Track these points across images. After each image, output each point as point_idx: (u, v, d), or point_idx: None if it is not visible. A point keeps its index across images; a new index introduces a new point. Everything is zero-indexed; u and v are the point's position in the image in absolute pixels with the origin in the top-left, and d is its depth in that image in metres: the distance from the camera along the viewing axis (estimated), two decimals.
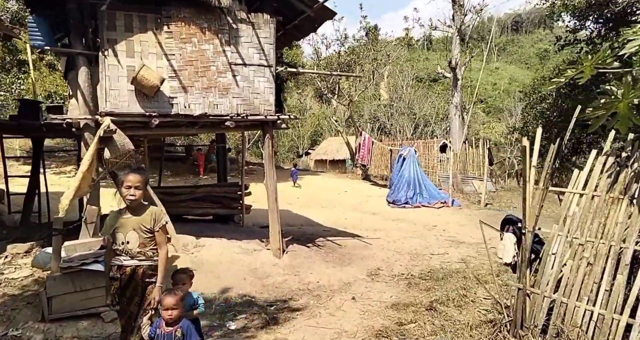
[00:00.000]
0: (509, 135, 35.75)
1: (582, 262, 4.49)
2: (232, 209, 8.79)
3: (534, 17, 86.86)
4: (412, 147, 13.77)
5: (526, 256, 4.82)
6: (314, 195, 14.27)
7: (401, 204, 12.48)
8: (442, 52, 79.32)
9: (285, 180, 16.70)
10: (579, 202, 4.81)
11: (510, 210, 12.32)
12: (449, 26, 21.52)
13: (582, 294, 4.12)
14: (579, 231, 4.70)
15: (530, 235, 4.88)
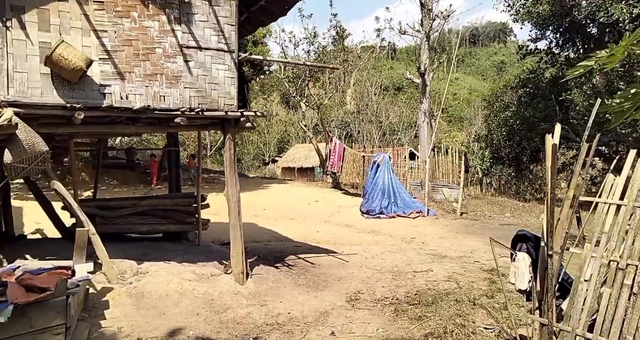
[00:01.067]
0: (471, 144, 35.95)
1: (624, 291, 3.49)
2: (186, 224, 7.32)
3: (489, 31, 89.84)
4: (387, 154, 12.73)
5: (552, 283, 3.79)
6: (282, 205, 12.93)
7: (376, 214, 11.37)
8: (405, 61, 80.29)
9: (250, 189, 15.27)
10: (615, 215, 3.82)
11: (487, 219, 11.47)
12: (417, 31, 20.88)
13: (625, 333, 3.27)
14: (618, 251, 3.69)
15: (558, 256, 3.86)
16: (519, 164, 24.63)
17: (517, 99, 22.73)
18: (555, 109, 19.78)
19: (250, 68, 14.33)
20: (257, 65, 14.78)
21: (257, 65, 14.78)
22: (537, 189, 25.84)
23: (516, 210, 14.18)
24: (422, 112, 21.04)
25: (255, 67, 14.65)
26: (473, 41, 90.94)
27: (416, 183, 16.66)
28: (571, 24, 18.52)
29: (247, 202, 13.32)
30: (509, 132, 21.14)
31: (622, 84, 14.91)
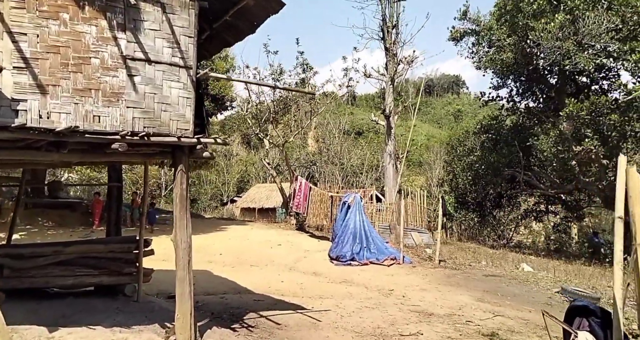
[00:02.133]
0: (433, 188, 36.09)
1: None
2: (123, 275, 5.96)
3: (443, 82, 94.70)
4: (358, 194, 11.84)
5: None
6: (240, 250, 11.59)
7: (346, 261, 10.27)
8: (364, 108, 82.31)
9: (206, 231, 13.82)
10: None
11: (468, 269, 10.63)
12: (382, 75, 20.93)
13: None
14: None
15: None
16: (483, 210, 24.52)
17: (479, 145, 22.98)
18: (519, 155, 19.97)
19: (211, 102, 13.41)
20: (219, 99, 13.86)
21: (219, 99, 13.86)
22: (500, 235, 25.72)
23: (490, 258, 13.49)
24: (388, 153, 20.69)
25: (217, 101, 13.73)
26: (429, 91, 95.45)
27: (384, 226, 15.80)
28: (532, 73, 19.13)
29: (201, 246, 11.88)
30: (474, 177, 21.05)
31: (589, 131, 15.11)
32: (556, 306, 7.17)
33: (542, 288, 8.40)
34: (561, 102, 19.55)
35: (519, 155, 20.15)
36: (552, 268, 12.02)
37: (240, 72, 14.40)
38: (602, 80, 19.98)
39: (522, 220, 25.08)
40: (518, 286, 8.48)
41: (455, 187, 22.92)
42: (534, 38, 15.16)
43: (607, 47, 14.41)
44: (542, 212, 24.31)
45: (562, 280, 9.08)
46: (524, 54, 17.24)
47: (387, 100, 20.67)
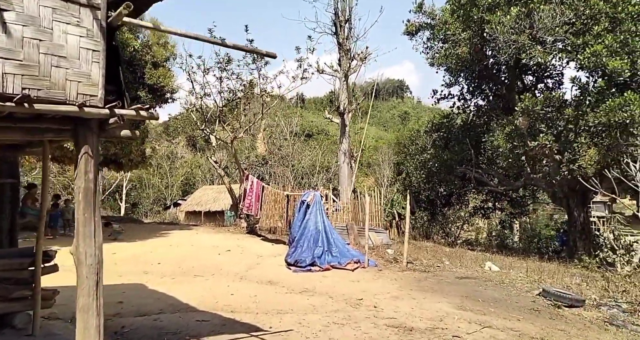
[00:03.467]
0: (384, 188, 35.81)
1: None
2: (12, 301, 4.29)
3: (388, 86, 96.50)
4: (318, 192, 10.59)
5: None
6: (183, 257, 9.94)
7: (306, 266, 8.99)
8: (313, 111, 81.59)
9: (144, 238, 11.99)
10: None
11: (437, 271, 9.73)
12: (335, 70, 19.95)
13: None
14: None
15: None
16: (434, 208, 24.27)
17: (431, 143, 22.67)
18: (471, 152, 19.75)
19: (148, 93, 11.59)
20: (158, 90, 12.01)
21: (158, 90, 12.01)
22: (448, 232, 25.64)
23: (451, 257, 12.81)
24: (342, 152, 19.74)
25: (154, 92, 11.91)
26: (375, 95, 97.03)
27: (341, 227, 14.70)
28: (483, 70, 18.97)
29: (136, 255, 10.09)
30: (427, 175, 20.60)
31: (544, 126, 14.93)
32: (544, 312, 6.36)
33: (521, 290, 7.61)
34: (511, 100, 19.56)
35: (470, 153, 19.97)
36: (517, 266, 11.49)
37: (182, 61, 12.75)
38: (547, 79, 20.36)
39: (471, 217, 25.16)
40: (496, 289, 7.63)
41: (409, 185, 22.38)
42: (490, 32, 14.81)
43: (562, 41, 14.34)
44: (490, 209, 24.49)
45: (536, 280, 8.40)
46: (478, 49, 16.95)
47: (341, 97, 19.74)
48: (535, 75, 20.41)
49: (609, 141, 13.59)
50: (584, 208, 17.95)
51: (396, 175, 28.83)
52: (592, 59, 13.28)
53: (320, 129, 60.95)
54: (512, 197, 23.04)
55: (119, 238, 11.50)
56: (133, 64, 11.23)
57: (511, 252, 18.70)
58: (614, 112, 12.85)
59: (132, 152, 11.89)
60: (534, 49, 14.52)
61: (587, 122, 14.36)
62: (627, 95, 12.51)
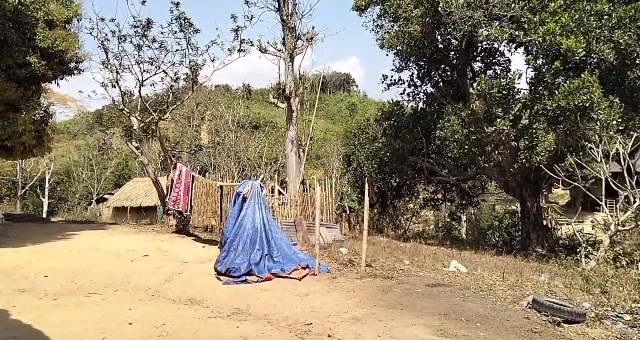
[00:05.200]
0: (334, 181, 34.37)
1: None
2: None
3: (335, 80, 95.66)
4: (258, 181, 8.49)
5: None
6: (82, 268, 7.53)
7: (240, 276, 6.95)
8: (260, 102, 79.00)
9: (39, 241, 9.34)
10: None
11: (401, 275, 8.08)
12: (279, 50, 17.88)
13: None
14: None
15: None
16: (384, 200, 23.05)
17: (382, 132, 21.31)
18: (422, 141, 18.55)
19: (41, 58, 8.73)
20: (55, 56, 9.12)
21: (55, 56, 9.12)
22: (398, 225, 24.62)
23: (408, 254, 11.37)
24: (289, 140, 17.77)
25: (51, 58, 8.97)
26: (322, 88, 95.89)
27: (289, 223, 12.80)
28: (434, 53, 17.76)
29: (16, 266, 7.53)
30: (379, 164, 19.17)
31: (500, 111, 13.86)
32: (544, 334, 4.84)
33: (506, 301, 6.10)
34: (463, 85, 18.59)
35: (421, 142, 18.82)
36: (482, 264, 10.21)
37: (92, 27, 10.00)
38: (495, 66, 19.65)
39: (421, 209, 24.24)
40: (477, 301, 6.07)
41: (360, 176, 20.87)
42: (444, 6, 13.47)
43: (517, 19, 13.31)
44: (440, 200, 23.69)
45: (517, 285, 6.99)
46: (429, 30, 15.60)
47: (286, 79, 17.75)
48: (484, 62, 19.65)
49: (569, 125, 12.75)
50: (536, 198, 17.36)
51: (346, 166, 27.31)
52: (547, 37, 12.34)
53: (267, 120, 58.86)
54: (462, 187, 22.33)
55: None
56: (18, 20, 8.44)
57: (463, 245, 17.82)
58: (573, 96, 11.96)
59: (22, 134, 9.12)
60: (490, 25, 13.42)
61: (544, 105, 13.47)
62: (585, 76, 11.65)
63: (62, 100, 33.38)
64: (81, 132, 42.29)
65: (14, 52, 8.46)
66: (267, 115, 60.47)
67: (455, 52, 18.79)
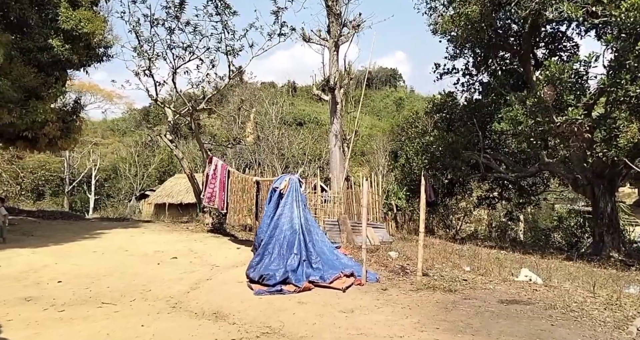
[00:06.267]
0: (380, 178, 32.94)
1: None
2: None
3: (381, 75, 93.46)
4: (295, 175, 7.38)
5: None
6: (101, 272, 6.81)
7: (275, 285, 5.91)
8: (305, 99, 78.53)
9: (65, 240, 8.83)
10: None
11: (466, 288, 6.70)
12: (324, 39, 16.78)
13: None
14: None
15: None
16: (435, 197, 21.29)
17: (432, 125, 19.65)
18: (478, 134, 16.74)
19: (65, 42, 8.03)
20: (81, 39, 8.53)
21: (81, 39, 8.53)
22: (449, 225, 22.76)
23: (467, 259, 9.88)
24: (333, 134, 16.64)
25: (75, 41, 8.30)
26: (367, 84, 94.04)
27: (331, 222, 11.69)
28: (493, 39, 15.92)
29: (30, 269, 6.89)
30: (430, 160, 17.55)
31: (572, 99, 11.95)
32: None
33: (607, 327, 4.62)
34: (525, 73, 16.60)
35: (477, 136, 17.02)
36: (558, 273, 8.56)
37: (123, 10, 9.30)
38: (560, 52, 17.44)
39: (475, 208, 22.23)
40: (569, 326, 4.64)
41: (409, 172, 19.32)
42: None
43: None
44: (496, 199, 21.59)
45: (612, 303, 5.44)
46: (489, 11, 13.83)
47: (331, 70, 16.64)
48: (549, 48, 17.50)
49: None
50: (611, 197, 15.10)
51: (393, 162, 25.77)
52: (631, 13, 10.30)
53: (312, 117, 58.32)
54: (521, 185, 20.15)
55: (5, 240, 8.34)
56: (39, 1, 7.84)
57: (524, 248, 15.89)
58: None
59: (44, 125, 8.66)
60: (561, 1, 11.51)
61: (626, 92, 11.40)
62: None
63: (108, 97, 34.28)
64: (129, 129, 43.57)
65: (34, 34, 7.95)
66: (312, 111, 59.86)
67: (515, 38, 16.82)
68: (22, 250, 7.67)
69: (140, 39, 9.81)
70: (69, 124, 9.69)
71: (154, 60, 10.20)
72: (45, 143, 9.39)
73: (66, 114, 9.84)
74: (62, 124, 9.44)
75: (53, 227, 10.60)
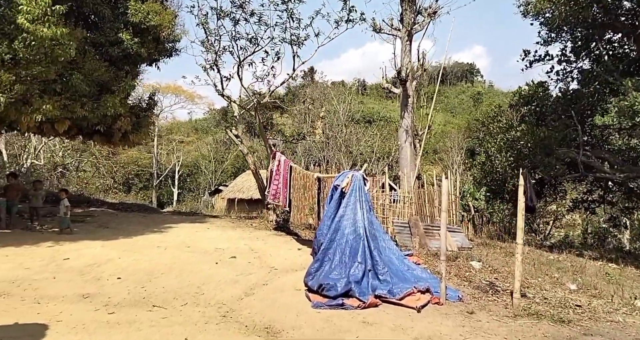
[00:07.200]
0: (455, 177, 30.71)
1: None
2: None
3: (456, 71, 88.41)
4: (359, 172, 6.45)
5: None
6: (159, 269, 6.48)
7: (336, 297, 5.08)
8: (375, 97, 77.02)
9: (134, 234, 8.83)
10: None
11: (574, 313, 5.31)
12: (396, 29, 15.57)
13: None
14: None
15: None
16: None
17: (519, 119, 17.46)
18: (577, 128, 14.39)
19: (134, 35, 7.91)
20: (149, 32, 8.38)
21: (149, 32, 8.38)
22: (536, 230, 20.26)
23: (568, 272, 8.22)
24: (404, 129, 15.39)
25: (144, 34, 8.12)
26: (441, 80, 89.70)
27: (401, 224, 10.57)
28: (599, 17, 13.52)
29: (95, 263, 6.76)
30: (516, 158, 15.50)
31: None
32: None
33: None
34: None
35: (576, 130, 14.65)
36: None
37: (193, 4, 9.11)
38: None
39: (570, 212, 19.47)
40: None
41: (490, 171, 17.37)
42: None
43: None
44: (596, 202, 18.67)
45: None
46: None
47: (403, 60, 15.40)
48: None
49: None
50: None
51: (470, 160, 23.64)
52: None
53: (381, 115, 56.90)
54: (630, 187, 17.14)
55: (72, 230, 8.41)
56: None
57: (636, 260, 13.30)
58: None
59: (116, 119, 8.73)
60: None
61: None
62: None
63: (190, 97, 36.04)
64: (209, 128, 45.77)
65: (105, 28, 7.96)
66: (381, 109, 58.30)
67: (628, 17, 14.15)
68: (93, 243, 7.68)
69: (208, 33, 9.58)
70: (141, 119, 9.76)
71: (221, 54, 9.94)
72: (119, 137, 9.55)
73: (139, 109, 9.93)
74: (135, 119, 9.52)
75: (128, 219, 10.82)
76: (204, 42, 9.71)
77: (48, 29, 6.12)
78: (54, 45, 6.35)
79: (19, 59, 6.17)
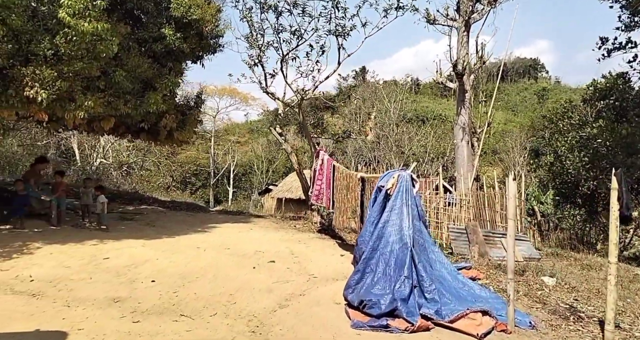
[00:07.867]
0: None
1: None
2: None
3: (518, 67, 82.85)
4: (407, 171, 5.61)
5: None
6: (195, 273, 6.10)
7: (379, 316, 4.36)
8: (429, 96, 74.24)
9: (178, 233, 8.65)
10: None
11: None
12: (452, 19, 14.41)
13: None
14: None
15: None
16: (592, 205, 16.89)
17: (594, 115, 15.47)
18: None
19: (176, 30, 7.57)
20: (192, 26, 7.97)
21: (192, 26, 7.97)
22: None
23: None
24: (460, 127, 14.20)
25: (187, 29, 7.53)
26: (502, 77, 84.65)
27: (458, 230, 9.54)
28: None
29: (133, 264, 6.37)
30: (592, 158, 13.67)
31: None
32: None
33: None
34: None
35: None
36: None
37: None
38: None
39: None
40: None
41: (559, 173, 15.56)
42: None
43: None
44: None
45: None
46: None
47: (459, 52, 14.21)
48: None
49: None
50: None
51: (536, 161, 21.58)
52: None
53: (435, 114, 54.69)
54: None
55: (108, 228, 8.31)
56: None
57: None
58: None
59: (161, 116, 8.62)
60: None
61: None
62: None
63: (244, 99, 36.68)
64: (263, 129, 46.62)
65: (148, 24, 7.82)
66: (435, 108, 55.96)
67: None
68: (135, 242, 7.55)
69: (252, 27, 9.25)
70: (186, 117, 9.63)
71: (265, 49, 9.57)
72: (164, 135, 9.49)
73: (185, 108, 9.81)
74: (180, 117, 9.40)
75: (175, 218, 10.77)
76: (247, 37, 9.42)
77: (89, 23, 5.99)
78: (96, 41, 6.22)
79: (61, 55, 6.12)
